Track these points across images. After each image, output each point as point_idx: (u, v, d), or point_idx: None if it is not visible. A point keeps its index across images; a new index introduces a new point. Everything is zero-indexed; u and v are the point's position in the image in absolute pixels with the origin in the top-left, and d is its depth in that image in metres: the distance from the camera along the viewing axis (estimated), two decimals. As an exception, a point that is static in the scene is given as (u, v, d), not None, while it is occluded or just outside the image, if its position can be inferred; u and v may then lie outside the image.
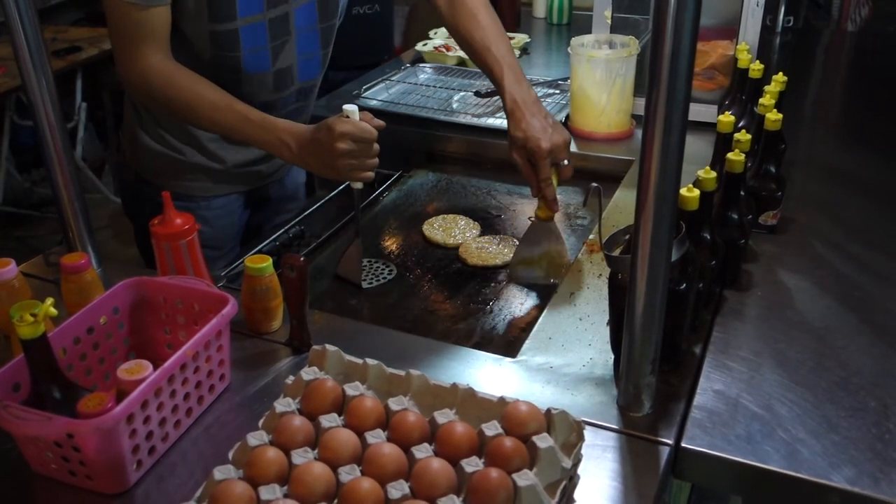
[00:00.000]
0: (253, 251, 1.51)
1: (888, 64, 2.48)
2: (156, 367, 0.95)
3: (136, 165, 1.60)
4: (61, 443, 0.90)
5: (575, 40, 1.85)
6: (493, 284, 1.45)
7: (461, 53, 2.40)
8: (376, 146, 1.33)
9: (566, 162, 1.41)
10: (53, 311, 0.91)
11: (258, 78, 1.47)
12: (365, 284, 1.45)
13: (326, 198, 1.76)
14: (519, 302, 1.39)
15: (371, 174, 1.35)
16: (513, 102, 1.42)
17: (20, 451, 0.96)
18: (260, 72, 1.47)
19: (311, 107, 1.69)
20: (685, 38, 0.81)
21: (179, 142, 1.53)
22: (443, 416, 0.94)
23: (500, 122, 1.93)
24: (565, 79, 2.10)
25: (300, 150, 1.32)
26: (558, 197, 1.43)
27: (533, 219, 1.44)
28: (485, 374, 1.14)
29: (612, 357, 1.14)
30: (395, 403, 0.96)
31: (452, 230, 1.61)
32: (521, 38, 2.54)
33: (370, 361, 1.03)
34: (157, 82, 1.34)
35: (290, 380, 1.01)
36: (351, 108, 1.31)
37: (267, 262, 1.17)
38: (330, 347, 1.05)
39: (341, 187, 1.79)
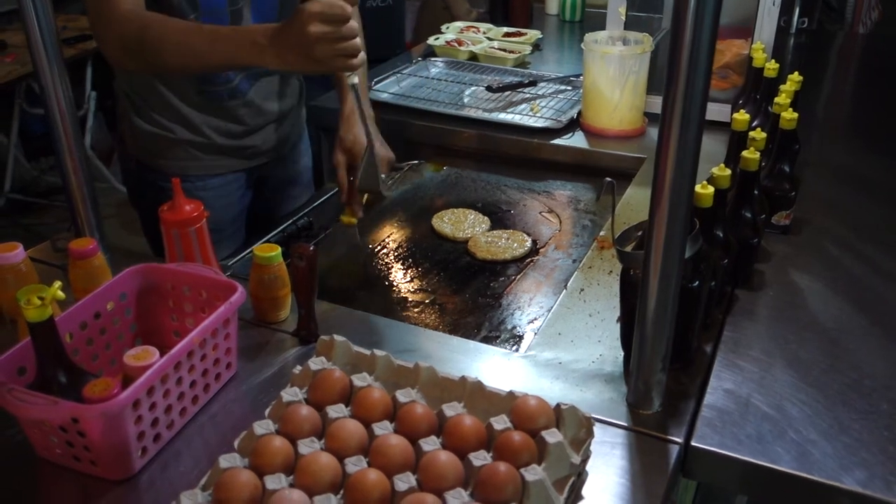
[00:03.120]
0: (261, 241, 1.50)
1: (899, 67, 2.47)
2: (162, 354, 0.95)
3: (134, 151, 1.60)
4: (66, 427, 0.90)
5: (588, 36, 1.84)
6: (502, 279, 1.44)
7: (473, 48, 2.39)
8: (353, 24, 1.23)
9: (362, 164, 1.52)
10: (61, 294, 0.91)
11: (215, 14, 1.44)
12: (385, 192, 1.42)
13: (335, 189, 1.75)
14: (528, 297, 1.38)
15: (357, 60, 1.25)
16: (349, 111, 1.56)
17: (25, 435, 0.96)
18: (216, 7, 1.44)
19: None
20: (705, 30, 0.80)
21: (167, 120, 1.53)
22: (451, 409, 0.93)
23: (511, 116, 1.93)
24: (577, 75, 2.09)
25: (275, 45, 1.25)
26: (568, 193, 1.48)
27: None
28: (493, 368, 1.13)
29: (622, 354, 1.13)
30: (402, 395, 0.95)
31: (462, 224, 1.60)
32: (532, 35, 2.53)
33: (378, 353, 1.03)
34: (129, 29, 1.32)
35: (297, 369, 1.01)
36: None
37: (276, 251, 1.17)
38: (338, 338, 1.04)
39: (350, 179, 1.78)
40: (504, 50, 2.39)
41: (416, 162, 1.90)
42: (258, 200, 1.73)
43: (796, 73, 1.47)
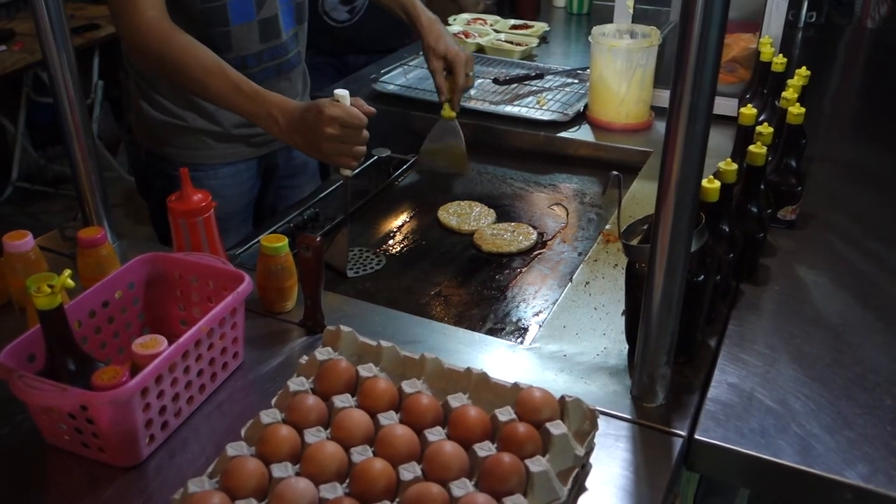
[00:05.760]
0: (267, 231, 1.51)
1: (909, 62, 2.46)
2: (170, 343, 0.95)
3: (144, 140, 1.61)
4: (75, 414, 0.90)
5: (596, 29, 1.83)
6: (507, 271, 1.44)
7: (480, 40, 2.39)
8: (365, 133, 1.33)
9: (471, 74, 1.71)
10: (70, 282, 0.91)
11: (245, 28, 1.48)
12: (350, 273, 1.44)
13: (340, 182, 1.76)
14: (533, 290, 1.39)
15: (356, 162, 1.35)
16: (429, 21, 1.70)
17: (33, 422, 0.97)
18: (246, 21, 1.48)
19: (301, 62, 1.71)
20: (713, 24, 0.80)
21: (179, 107, 1.54)
22: (456, 400, 0.93)
23: (517, 109, 1.93)
24: (584, 68, 2.09)
25: (288, 126, 1.33)
26: (574, 186, 1.52)
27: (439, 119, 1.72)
28: (498, 360, 1.13)
29: (626, 347, 1.14)
30: (408, 386, 0.96)
31: (467, 217, 1.61)
32: (540, 27, 2.53)
33: (384, 343, 1.03)
34: (152, 40, 1.34)
35: (303, 359, 1.01)
36: (342, 92, 1.31)
37: (283, 242, 1.17)
38: (344, 328, 1.05)
39: (357, 170, 1.78)
40: (511, 42, 2.39)
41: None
42: (266, 191, 1.74)
43: (804, 67, 1.47)
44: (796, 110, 1.33)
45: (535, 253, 1.50)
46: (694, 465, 1.01)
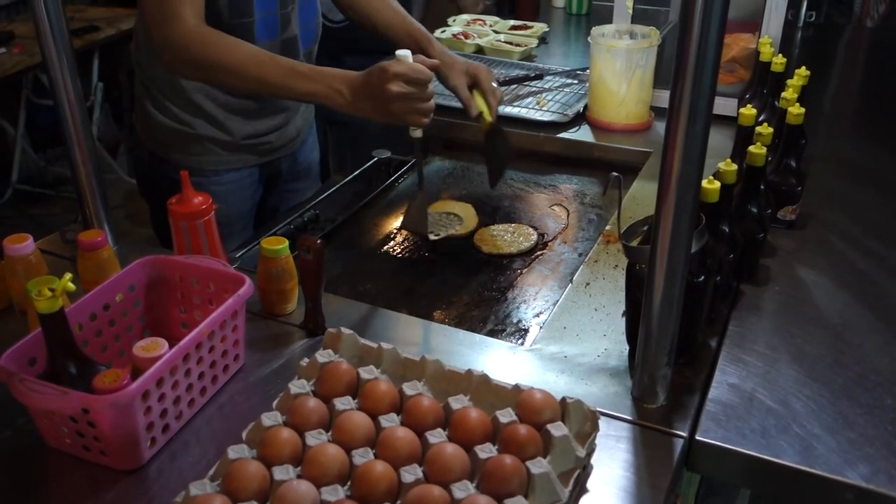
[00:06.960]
0: (268, 234, 1.51)
1: (907, 61, 2.46)
2: (171, 346, 0.96)
3: (148, 143, 1.61)
4: (76, 418, 0.91)
5: (595, 30, 1.83)
6: (507, 273, 1.44)
7: (480, 41, 2.39)
8: (431, 88, 1.34)
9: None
10: (71, 286, 0.91)
11: (268, 46, 1.48)
12: (432, 236, 1.45)
13: (341, 182, 1.76)
14: (534, 291, 1.39)
15: (427, 119, 1.36)
16: (441, 50, 1.63)
17: (35, 425, 0.97)
18: (270, 40, 1.49)
19: None
20: (713, 23, 0.80)
21: (188, 114, 1.54)
22: (457, 402, 0.93)
23: (517, 110, 1.93)
24: (584, 69, 2.09)
25: (353, 95, 1.32)
26: (574, 187, 1.55)
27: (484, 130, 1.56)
28: (498, 361, 1.13)
29: (627, 348, 1.14)
30: (409, 388, 0.96)
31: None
32: (539, 28, 2.53)
33: (385, 345, 1.03)
34: (197, 45, 1.33)
35: (304, 362, 1.01)
36: (404, 52, 1.33)
37: (283, 244, 1.18)
38: (345, 330, 1.05)
39: (357, 172, 1.79)
40: (510, 43, 2.39)
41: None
42: (268, 197, 1.74)
43: (803, 67, 1.47)
44: (796, 110, 1.33)
45: (536, 254, 1.50)
46: (695, 466, 1.01)
